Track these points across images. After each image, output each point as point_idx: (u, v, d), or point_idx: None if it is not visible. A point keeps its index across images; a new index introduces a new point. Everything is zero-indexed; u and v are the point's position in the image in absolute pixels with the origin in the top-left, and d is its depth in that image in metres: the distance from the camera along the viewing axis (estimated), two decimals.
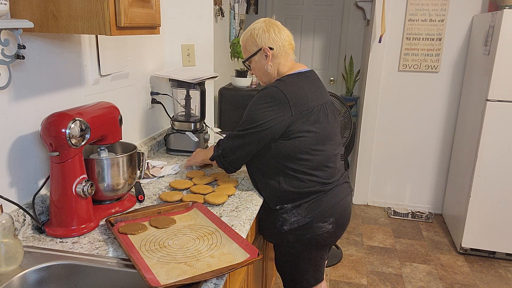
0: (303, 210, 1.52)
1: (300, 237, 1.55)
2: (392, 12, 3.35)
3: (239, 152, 1.52)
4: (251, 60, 1.60)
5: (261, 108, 1.46)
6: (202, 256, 1.11)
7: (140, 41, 1.92)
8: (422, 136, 3.56)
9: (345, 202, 1.59)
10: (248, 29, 1.59)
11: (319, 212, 1.52)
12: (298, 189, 1.51)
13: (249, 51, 1.59)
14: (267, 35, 1.54)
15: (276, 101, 1.45)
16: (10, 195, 1.17)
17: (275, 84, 1.51)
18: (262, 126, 1.45)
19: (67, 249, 1.15)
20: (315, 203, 1.52)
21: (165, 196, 1.49)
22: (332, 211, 1.54)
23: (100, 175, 1.33)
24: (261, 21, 1.58)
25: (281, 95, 1.45)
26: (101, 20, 1.04)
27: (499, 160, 2.79)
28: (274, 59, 1.56)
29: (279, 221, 1.55)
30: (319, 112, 1.51)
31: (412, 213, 3.60)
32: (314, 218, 1.52)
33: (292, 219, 1.53)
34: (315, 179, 1.52)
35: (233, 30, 3.72)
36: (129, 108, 1.86)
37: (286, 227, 1.54)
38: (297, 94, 1.47)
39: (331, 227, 1.55)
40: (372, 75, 3.52)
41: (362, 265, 2.85)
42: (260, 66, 1.59)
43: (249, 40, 1.57)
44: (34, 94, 1.25)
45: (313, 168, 1.51)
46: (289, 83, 1.50)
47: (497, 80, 2.68)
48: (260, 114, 1.46)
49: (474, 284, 2.66)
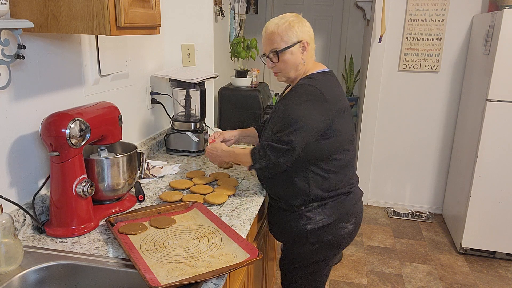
0: (328, 209, 1.52)
1: (321, 238, 1.53)
2: (392, 12, 3.35)
3: (287, 160, 1.45)
4: (285, 52, 1.49)
5: (303, 108, 1.42)
6: (202, 256, 1.11)
7: (140, 41, 1.92)
8: (422, 136, 3.56)
9: (361, 203, 1.64)
10: (281, 19, 1.50)
11: (343, 211, 1.53)
12: (326, 191, 1.51)
13: (286, 41, 1.48)
14: (306, 29, 1.50)
15: (316, 99, 1.43)
16: (10, 195, 1.17)
17: (308, 82, 1.47)
18: (308, 127, 1.41)
19: (67, 249, 1.15)
20: (340, 203, 1.53)
21: (165, 196, 1.49)
22: (354, 210, 1.57)
23: (100, 175, 1.33)
24: (293, 15, 1.51)
25: (319, 93, 1.43)
26: (101, 20, 1.04)
27: (499, 160, 2.79)
28: (307, 54, 1.52)
29: (303, 219, 1.52)
30: (348, 112, 1.52)
31: (412, 213, 3.60)
32: (338, 218, 1.52)
33: (317, 217, 1.51)
34: (342, 178, 1.53)
35: (233, 30, 3.72)
36: (129, 108, 1.86)
37: (310, 226, 1.52)
38: (332, 93, 1.46)
39: (352, 228, 1.57)
40: (372, 75, 3.52)
41: (362, 265, 2.85)
42: (294, 59, 1.50)
43: (287, 29, 1.47)
44: (34, 94, 1.25)
45: (342, 166, 1.52)
46: (322, 81, 1.48)
47: (497, 80, 2.68)
48: (304, 114, 1.41)
49: (474, 284, 2.66)
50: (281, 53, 1.49)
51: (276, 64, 1.52)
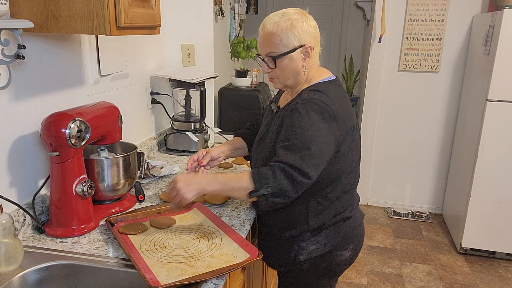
0: (323, 238, 1.32)
1: (315, 266, 1.35)
2: (392, 12, 3.35)
3: None
4: (283, 58, 1.25)
5: (317, 128, 1.18)
6: (202, 256, 1.11)
7: (140, 41, 1.92)
8: (422, 136, 3.56)
9: (362, 226, 1.44)
10: (282, 17, 1.25)
11: (340, 239, 1.34)
12: (325, 219, 1.32)
13: (286, 45, 1.24)
14: (310, 29, 1.25)
15: (324, 117, 1.20)
16: (10, 195, 1.17)
17: (318, 97, 1.23)
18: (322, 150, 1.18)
19: (67, 249, 1.15)
20: (337, 229, 1.33)
21: (165, 196, 1.49)
22: (353, 236, 1.38)
23: (100, 175, 1.33)
24: (298, 12, 1.27)
25: (329, 110, 1.20)
26: (101, 20, 1.04)
27: (499, 160, 2.79)
28: (310, 60, 1.29)
29: (294, 249, 1.33)
30: (357, 129, 1.32)
31: (412, 213, 3.60)
32: (334, 246, 1.33)
33: (310, 247, 1.32)
34: (345, 203, 1.34)
35: (233, 30, 3.72)
36: (129, 108, 1.86)
37: (302, 257, 1.32)
38: (341, 109, 1.24)
39: (350, 255, 1.38)
40: (372, 75, 3.52)
41: (362, 265, 2.85)
42: (293, 67, 1.27)
43: (288, 30, 1.22)
44: (34, 94, 1.25)
45: (345, 191, 1.33)
46: (331, 95, 1.25)
47: (497, 80, 2.68)
48: (318, 134, 1.18)
49: (474, 284, 2.66)
50: (279, 58, 1.26)
51: (273, 70, 1.29)
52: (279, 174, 1.14)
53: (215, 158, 1.50)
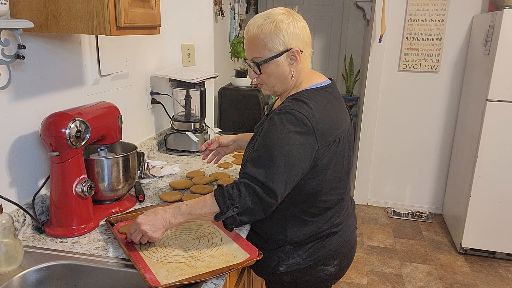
0: (304, 252, 1.25)
1: (298, 279, 1.29)
2: (392, 12, 3.35)
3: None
4: (268, 63, 1.18)
5: (289, 140, 1.10)
6: (202, 256, 1.11)
7: (140, 41, 1.92)
8: (422, 136, 3.56)
9: (351, 242, 1.34)
10: (266, 18, 1.16)
11: (322, 254, 1.27)
12: (305, 235, 1.24)
13: (271, 49, 1.16)
14: (297, 31, 1.16)
15: (301, 130, 1.11)
16: (10, 195, 1.17)
17: (296, 107, 1.13)
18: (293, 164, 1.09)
19: (67, 249, 1.15)
20: (319, 245, 1.26)
21: (165, 196, 1.49)
22: (338, 253, 1.29)
23: (100, 175, 1.33)
24: (284, 12, 1.17)
25: (307, 122, 1.11)
26: (101, 20, 1.04)
27: (499, 160, 2.79)
28: (299, 64, 1.21)
29: (274, 260, 1.27)
30: (344, 142, 1.21)
31: (412, 213, 3.60)
32: (316, 262, 1.26)
33: (290, 260, 1.26)
34: (327, 220, 1.26)
35: (233, 30, 3.72)
36: (129, 108, 1.86)
37: (282, 268, 1.27)
38: (323, 121, 1.14)
39: (334, 270, 1.31)
40: (372, 75, 3.52)
41: (362, 265, 2.85)
42: (280, 71, 1.19)
43: (273, 34, 1.14)
44: (34, 94, 1.25)
45: (328, 207, 1.25)
46: (313, 105, 1.14)
47: (497, 80, 2.68)
48: (289, 147, 1.09)
49: (474, 284, 2.66)
50: (263, 64, 1.18)
51: (259, 76, 1.22)
52: (244, 192, 1.08)
53: (224, 145, 1.56)
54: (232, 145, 1.58)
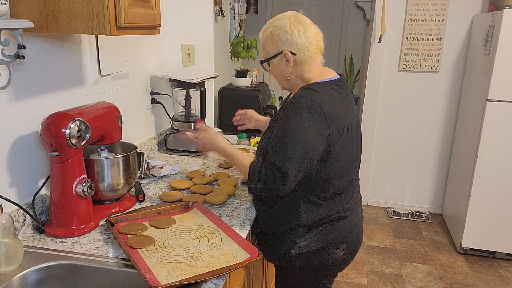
0: (315, 235, 1.34)
1: (308, 263, 1.38)
2: (392, 12, 3.35)
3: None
4: (268, 63, 1.38)
5: (304, 125, 1.21)
6: (202, 256, 1.11)
7: (140, 41, 1.92)
8: (422, 136, 3.56)
9: (359, 228, 1.45)
10: (269, 24, 1.34)
11: (333, 237, 1.36)
12: (317, 217, 1.33)
13: (268, 51, 1.35)
14: (289, 37, 1.29)
15: (313, 116, 1.21)
16: (10, 195, 1.17)
17: (308, 94, 1.25)
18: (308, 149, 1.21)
19: (67, 249, 1.15)
20: (330, 228, 1.35)
21: (165, 196, 1.49)
22: (347, 237, 1.39)
23: (100, 175, 1.33)
24: (286, 17, 1.32)
25: (318, 109, 1.22)
26: (101, 20, 1.04)
27: (499, 160, 2.79)
28: (296, 65, 1.33)
29: (286, 243, 1.36)
30: (352, 131, 1.32)
31: (412, 213, 3.60)
32: (326, 244, 1.35)
33: (302, 242, 1.35)
34: (338, 204, 1.35)
35: (233, 30, 3.72)
36: (129, 108, 1.86)
37: (294, 251, 1.35)
38: (334, 109, 1.25)
39: (343, 254, 1.39)
40: (372, 75, 3.52)
41: (362, 265, 2.85)
42: (279, 71, 1.36)
43: (268, 39, 1.33)
44: (34, 94, 1.25)
45: (339, 192, 1.35)
46: (323, 94, 1.26)
47: (497, 80, 2.68)
48: (304, 132, 1.21)
49: (474, 284, 2.66)
50: (263, 63, 1.39)
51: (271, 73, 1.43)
52: (265, 174, 1.23)
53: (249, 117, 1.80)
54: (254, 122, 1.79)
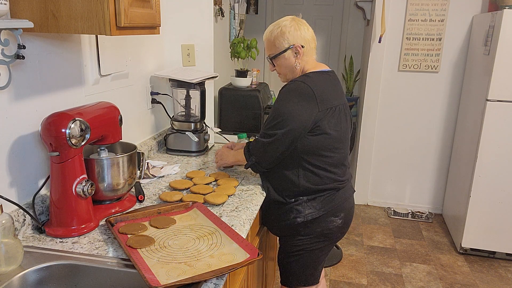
0: (318, 203, 1.58)
1: (311, 230, 1.60)
2: (392, 12, 3.35)
3: (273, 154, 1.54)
4: (279, 57, 1.59)
5: (291, 103, 1.49)
6: (202, 256, 1.11)
7: (140, 41, 1.92)
8: (422, 136, 3.56)
9: (351, 200, 1.70)
10: (275, 26, 1.58)
11: (332, 206, 1.59)
12: (316, 185, 1.57)
13: (279, 47, 1.58)
14: (298, 32, 1.56)
15: (304, 96, 1.48)
16: (10, 195, 1.17)
17: (301, 79, 1.53)
18: (293, 121, 1.47)
19: (67, 249, 1.15)
20: (329, 198, 1.59)
21: (165, 196, 1.49)
22: (343, 206, 1.62)
23: (100, 175, 1.33)
24: (288, 19, 1.58)
25: (309, 90, 1.48)
26: (101, 20, 1.04)
27: (499, 160, 2.79)
28: (302, 57, 1.58)
29: (293, 213, 1.59)
30: (340, 112, 1.56)
31: (412, 213, 3.60)
32: (327, 212, 1.58)
33: (306, 211, 1.58)
34: (332, 176, 1.58)
35: (233, 30, 3.72)
36: (129, 108, 1.86)
37: (299, 219, 1.58)
38: (323, 91, 1.51)
39: (341, 222, 1.63)
40: (372, 75, 3.52)
41: (362, 265, 2.85)
42: (288, 63, 1.59)
43: (279, 36, 1.56)
44: (34, 94, 1.25)
45: (332, 165, 1.57)
46: (315, 79, 1.53)
47: (497, 80, 2.68)
48: (290, 109, 1.48)
49: (474, 284, 2.66)
50: (274, 59, 1.60)
51: (275, 68, 1.64)
52: (254, 145, 1.58)
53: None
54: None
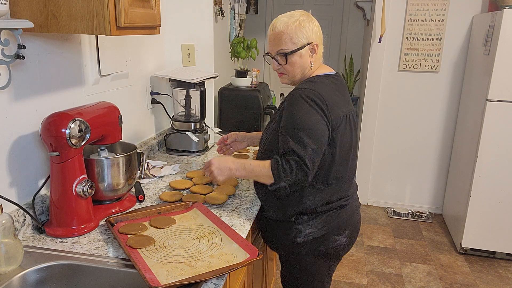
0: (319, 222, 1.42)
1: (313, 250, 1.45)
2: (392, 12, 3.35)
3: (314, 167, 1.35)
4: (293, 54, 1.39)
5: (310, 114, 1.31)
6: (202, 256, 1.11)
7: (140, 41, 1.92)
8: (422, 136, 3.56)
9: (358, 215, 1.54)
10: (290, 18, 1.39)
11: (335, 224, 1.44)
12: (320, 203, 1.41)
13: (296, 42, 1.38)
14: (316, 29, 1.41)
15: (316, 103, 1.32)
16: (10, 195, 1.17)
17: (309, 86, 1.36)
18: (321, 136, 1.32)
19: (67, 249, 1.15)
20: (333, 215, 1.44)
21: (165, 196, 1.49)
22: (348, 223, 1.47)
23: (100, 175, 1.33)
24: (303, 13, 1.41)
25: (320, 97, 1.33)
26: (101, 20, 1.04)
27: (499, 160, 2.79)
28: (316, 56, 1.43)
29: (293, 232, 1.43)
30: (349, 121, 1.42)
31: (412, 213, 3.60)
32: (330, 231, 1.43)
33: (307, 230, 1.42)
34: (338, 191, 1.43)
35: (233, 30, 3.72)
36: (129, 108, 1.86)
37: (300, 239, 1.43)
38: (332, 99, 1.36)
39: (345, 240, 1.48)
40: (372, 75, 3.52)
41: (362, 265, 2.85)
42: (302, 62, 1.41)
43: (298, 30, 1.37)
44: (34, 94, 1.25)
45: (339, 179, 1.42)
46: (323, 84, 1.38)
47: (497, 80, 2.68)
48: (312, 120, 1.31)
49: (474, 284, 2.66)
50: (290, 55, 1.39)
51: (283, 66, 1.43)
52: (289, 168, 1.30)
53: (239, 140, 1.75)
54: (246, 141, 1.77)
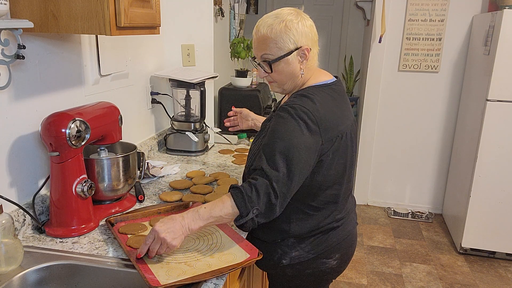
0: (307, 245, 1.28)
1: (299, 272, 1.32)
2: (392, 12, 3.35)
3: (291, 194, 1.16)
4: (279, 62, 1.19)
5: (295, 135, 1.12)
6: (202, 256, 1.11)
7: (140, 41, 1.92)
8: (422, 136, 3.56)
9: (352, 237, 1.38)
10: (275, 18, 1.18)
11: (325, 247, 1.29)
12: (308, 228, 1.27)
13: (281, 48, 1.18)
14: (306, 29, 1.19)
15: (306, 125, 1.13)
16: (10, 195, 1.17)
17: (300, 102, 1.16)
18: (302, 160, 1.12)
19: (67, 249, 1.15)
20: (322, 239, 1.29)
21: (165, 196, 1.49)
22: (340, 246, 1.33)
23: (100, 175, 1.33)
24: (292, 12, 1.21)
25: (312, 117, 1.14)
26: (101, 20, 1.04)
27: (499, 160, 2.79)
28: (308, 62, 1.22)
29: (277, 253, 1.29)
30: (347, 138, 1.24)
31: (412, 213, 3.60)
32: (318, 255, 1.29)
33: (293, 253, 1.28)
34: (329, 214, 1.28)
35: (233, 30, 3.72)
36: (129, 108, 1.86)
37: (285, 261, 1.29)
38: (327, 116, 1.17)
39: (336, 263, 1.34)
40: (372, 75, 3.52)
41: (362, 265, 2.85)
42: (291, 70, 1.21)
43: (284, 34, 1.16)
44: (34, 94, 1.25)
45: (331, 202, 1.27)
46: (317, 101, 1.17)
47: (497, 80, 2.68)
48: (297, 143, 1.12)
49: (474, 284, 2.66)
50: (275, 63, 1.20)
51: (269, 74, 1.24)
52: (262, 194, 1.09)
53: (244, 117, 1.69)
54: (250, 122, 1.69)
